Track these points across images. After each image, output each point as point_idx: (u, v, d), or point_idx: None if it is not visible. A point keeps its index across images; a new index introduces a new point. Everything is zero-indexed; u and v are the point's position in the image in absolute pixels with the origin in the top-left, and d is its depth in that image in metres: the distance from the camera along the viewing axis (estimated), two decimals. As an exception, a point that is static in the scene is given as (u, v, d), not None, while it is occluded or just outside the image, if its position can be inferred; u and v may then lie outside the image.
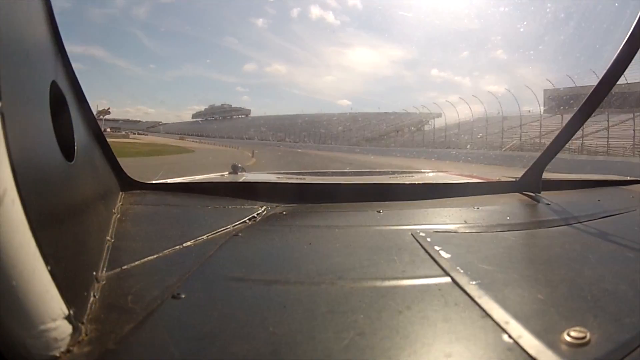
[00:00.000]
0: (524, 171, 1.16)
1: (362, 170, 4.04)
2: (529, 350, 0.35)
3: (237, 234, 0.70)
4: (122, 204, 0.81)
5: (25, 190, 0.32)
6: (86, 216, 0.55)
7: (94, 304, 0.42)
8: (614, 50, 0.89)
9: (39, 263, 0.33)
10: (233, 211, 0.84)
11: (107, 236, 0.61)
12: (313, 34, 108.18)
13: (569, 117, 1.03)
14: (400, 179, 1.51)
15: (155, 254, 0.57)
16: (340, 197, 1.00)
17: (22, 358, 0.31)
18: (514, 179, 1.19)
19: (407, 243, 0.65)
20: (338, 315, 0.41)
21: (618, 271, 0.55)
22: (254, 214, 0.81)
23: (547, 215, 0.92)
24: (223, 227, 0.71)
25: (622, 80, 0.97)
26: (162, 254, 0.57)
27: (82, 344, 0.35)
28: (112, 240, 0.60)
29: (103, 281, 0.48)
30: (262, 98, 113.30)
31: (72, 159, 0.54)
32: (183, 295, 0.45)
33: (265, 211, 0.85)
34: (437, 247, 0.61)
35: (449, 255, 0.58)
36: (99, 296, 0.44)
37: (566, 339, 0.36)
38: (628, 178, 1.49)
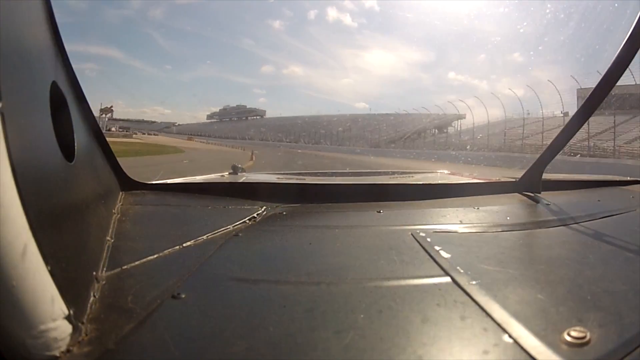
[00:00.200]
0: (524, 171, 1.17)
1: (362, 170, 4.04)
2: (529, 350, 0.35)
3: (237, 234, 0.70)
4: (122, 204, 0.81)
5: (25, 190, 0.32)
6: (86, 216, 0.55)
7: (94, 304, 0.42)
8: (614, 50, 0.89)
9: (39, 263, 0.33)
10: (233, 211, 0.84)
11: (107, 236, 0.61)
12: (330, 36, 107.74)
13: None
14: (400, 179, 1.52)
15: (155, 254, 0.57)
16: (340, 197, 1.00)
17: (22, 358, 0.31)
18: (514, 179, 1.19)
19: (407, 243, 0.65)
20: (338, 315, 0.41)
21: (618, 271, 0.55)
22: (254, 214, 0.81)
23: (547, 215, 0.92)
24: (223, 227, 0.71)
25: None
26: (162, 254, 0.57)
27: (82, 344, 0.35)
28: (112, 240, 0.60)
29: (103, 281, 0.48)
30: (279, 100, 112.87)
31: (72, 159, 0.54)
32: (183, 295, 0.44)
33: (265, 211, 0.85)
34: (437, 247, 0.61)
35: (449, 255, 0.58)
36: (99, 296, 0.44)
37: (566, 339, 0.36)
38: (628, 178, 1.49)
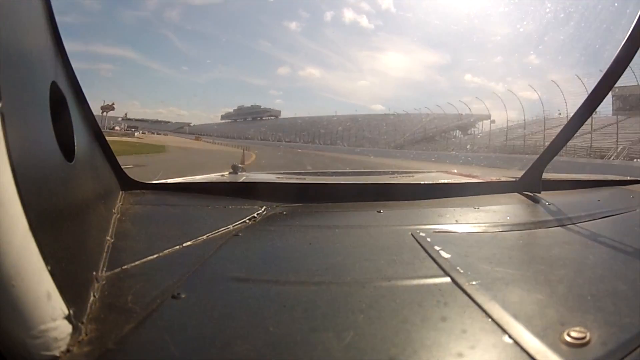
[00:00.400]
0: (524, 171, 1.17)
1: (362, 170, 4.04)
2: (529, 350, 0.35)
3: (237, 234, 0.70)
4: (122, 204, 0.81)
5: (25, 190, 0.32)
6: (86, 216, 0.55)
7: (94, 304, 0.42)
8: (614, 49, 0.89)
9: (39, 263, 0.33)
10: (233, 211, 0.84)
11: (107, 236, 0.61)
12: (346, 37, 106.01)
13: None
14: (400, 178, 1.51)
15: (155, 254, 0.57)
16: (340, 197, 1.00)
17: (22, 358, 0.31)
18: (514, 179, 1.19)
19: (407, 243, 0.65)
20: (338, 315, 0.41)
21: (618, 271, 0.55)
22: (254, 214, 0.81)
23: (547, 215, 0.92)
24: (223, 227, 0.71)
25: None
26: (162, 254, 0.57)
27: (82, 344, 0.35)
28: (112, 240, 0.60)
29: (103, 281, 0.48)
30: (295, 102, 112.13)
31: (72, 159, 0.54)
32: (183, 295, 0.44)
33: (265, 211, 0.85)
34: (437, 247, 0.61)
35: (449, 255, 0.58)
36: (99, 296, 0.44)
37: (566, 339, 0.36)
38: (628, 178, 1.49)
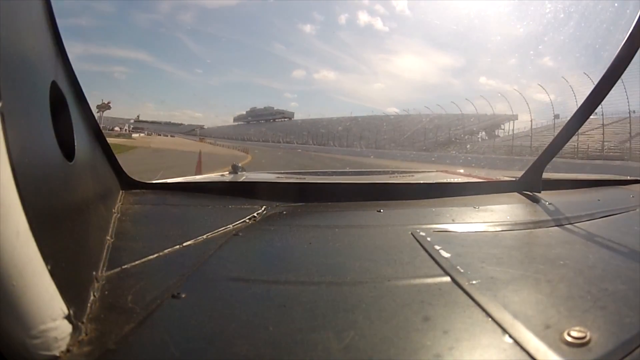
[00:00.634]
0: (524, 171, 1.17)
1: (362, 169, 4.04)
2: (529, 349, 0.35)
3: (237, 234, 0.70)
4: (122, 204, 0.81)
5: (25, 190, 0.32)
6: (86, 216, 0.55)
7: (94, 304, 0.42)
8: (614, 49, 0.89)
9: (39, 263, 0.33)
10: (233, 211, 0.84)
11: (107, 236, 0.61)
12: (361, 40, 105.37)
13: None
14: (400, 178, 1.51)
15: (155, 254, 0.57)
16: (340, 196, 1.00)
17: (22, 358, 0.31)
18: (514, 179, 1.19)
19: (407, 242, 0.65)
20: (338, 315, 0.41)
21: (618, 271, 0.55)
22: (254, 214, 0.81)
23: (547, 215, 0.92)
24: (223, 227, 0.71)
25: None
26: (162, 253, 0.57)
27: (82, 344, 0.35)
28: (112, 240, 0.60)
29: (103, 281, 0.48)
30: (310, 105, 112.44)
31: (72, 158, 0.54)
32: (183, 295, 0.44)
33: (265, 211, 0.85)
34: (437, 247, 0.61)
35: (449, 255, 0.58)
36: (99, 296, 0.44)
37: (566, 339, 0.36)
38: (628, 178, 1.49)
